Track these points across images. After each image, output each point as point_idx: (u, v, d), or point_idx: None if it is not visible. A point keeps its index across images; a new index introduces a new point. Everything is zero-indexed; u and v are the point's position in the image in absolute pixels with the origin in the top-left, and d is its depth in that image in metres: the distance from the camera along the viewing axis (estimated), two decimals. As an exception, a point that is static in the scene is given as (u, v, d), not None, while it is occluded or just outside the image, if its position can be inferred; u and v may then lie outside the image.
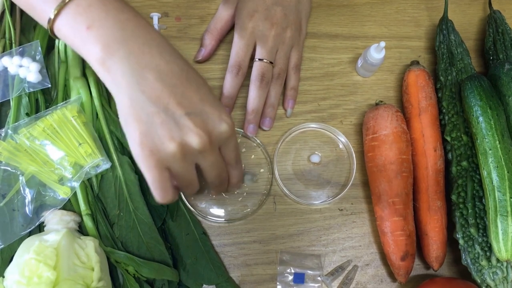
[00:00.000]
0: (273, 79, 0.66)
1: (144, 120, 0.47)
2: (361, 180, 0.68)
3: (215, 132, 0.50)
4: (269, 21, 0.65)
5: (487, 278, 0.59)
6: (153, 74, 0.47)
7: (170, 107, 0.47)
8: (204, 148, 0.49)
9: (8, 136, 0.58)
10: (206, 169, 0.53)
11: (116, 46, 0.47)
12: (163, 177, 0.49)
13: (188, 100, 0.48)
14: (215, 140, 0.50)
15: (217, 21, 0.69)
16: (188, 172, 0.51)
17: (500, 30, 0.72)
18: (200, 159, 0.51)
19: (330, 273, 0.64)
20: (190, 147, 0.48)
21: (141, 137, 0.47)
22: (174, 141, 0.47)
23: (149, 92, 0.47)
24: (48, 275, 0.48)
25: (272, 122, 0.68)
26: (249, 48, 0.65)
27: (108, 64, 0.47)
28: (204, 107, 0.49)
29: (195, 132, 0.48)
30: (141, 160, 0.48)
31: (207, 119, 0.49)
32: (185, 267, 0.60)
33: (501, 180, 0.57)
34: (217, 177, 0.55)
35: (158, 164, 0.48)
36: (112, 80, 0.48)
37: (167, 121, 0.47)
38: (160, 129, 0.47)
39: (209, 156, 0.51)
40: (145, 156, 0.47)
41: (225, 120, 0.50)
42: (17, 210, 0.56)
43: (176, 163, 0.49)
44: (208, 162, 0.52)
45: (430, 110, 0.66)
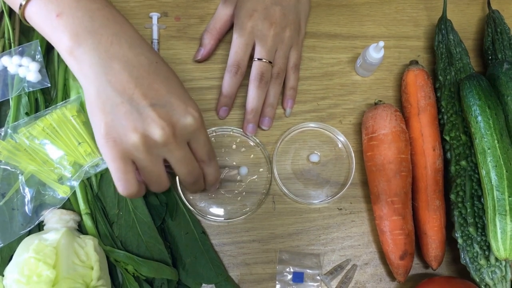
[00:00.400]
0: (272, 78, 0.66)
1: (109, 110, 0.47)
2: (360, 180, 0.68)
3: (180, 125, 0.49)
4: (268, 21, 0.65)
5: (486, 277, 0.59)
6: (120, 64, 0.47)
7: (135, 97, 0.47)
8: (167, 141, 0.48)
9: (7, 136, 0.58)
10: (175, 164, 0.51)
11: (84, 35, 0.47)
12: (127, 168, 0.48)
13: (154, 92, 0.48)
14: (180, 133, 0.49)
15: (217, 21, 0.70)
16: (154, 167, 0.50)
17: (499, 29, 0.72)
18: (166, 153, 0.50)
19: (329, 272, 0.64)
20: (152, 139, 0.48)
21: (106, 128, 0.47)
22: (137, 132, 0.47)
23: (115, 82, 0.47)
24: (48, 274, 0.48)
25: (271, 122, 0.69)
26: (248, 48, 0.66)
27: (76, 54, 0.47)
28: (170, 99, 0.49)
29: (158, 123, 0.47)
30: (105, 151, 0.48)
31: (172, 111, 0.49)
32: (184, 266, 0.60)
33: (499, 179, 0.57)
34: (189, 174, 0.53)
35: (122, 155, 0.47)
36: (80, 70, 0.48)
37: (131, 111, 0.47)
38: (124, 119, 0.47)
39: (175, 150, 0.50)
40: (109, 146, 0.47)
41: (191, 113, 0.50)
42: (16, 209, 0.56)
43: (140, 155, 0.48)
44: (176, 157, 0.50)
45: (429, 109, 0.66)
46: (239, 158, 0.68)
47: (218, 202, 0.66)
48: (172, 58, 0.71)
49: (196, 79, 0.70)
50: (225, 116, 0.68)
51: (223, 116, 0.68)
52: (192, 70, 0.70)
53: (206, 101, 0.69)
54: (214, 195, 0.66)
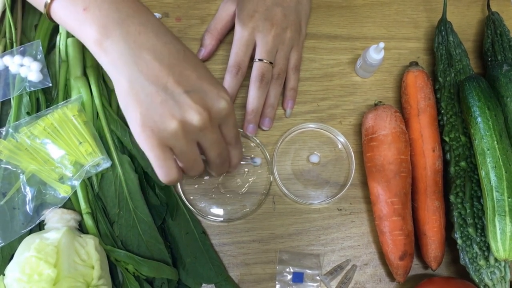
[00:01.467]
0: (272, 79, 0.67)
1: (144, 100, 0.47)
2: (360, 180, 0.69)
3: (215, 109, 0.50)
4: (269, 22, 0.65)
5: (485, 277, 0.59)
6: (150, 54, 0.47)
7: (169, 86, 0.47)
8: (204, 125, 0.49)
9: (9, 135, 0.58)
10: (208, 147, 0.52)
11: (112, 27, 0.47)
12: (166, 156, 0.49)
13: (186, 79, 0.49)
14: (215, 117, 0.50)
15: (217, 22, 0.70)
16: (191, 151, 0.51)
17: (499, 31, 0.72)
18: (201, 137, 0.50)
19: (329, 273, 0.64)
20: (191, 124, 0.48)
21: (142, 118, 0.47)
22: (175, 119, 0.47)
23: (147, 72, 0.47)
24: (49, 272, 0.48)
25: (272, 122, 0.69)
26: (249, 48, 0.66)
27: (105, 45, 0.47)
28: (202, 85, 0.49)
29: (195, 109, 0.48)
30: (143, 141, 0.48)
31: (206, 96, 0.49)
32: (184, 266, 0.61)
33: (499, 180, 0.57)
34: (219, 156, 0.54)
35: (160, 143, 0.48)
36: (110, 62, 0.48)
37: (167, 100, 0.47)
38: (160, 108, 0.47)
39: (210, 134, 0.50)
40: (146, 136, 0.47)
41: (224, 97, 0.51)
42: (17, 209, 0.57)
43: (178, 142, 0.49)
44: (210, 140, 0.51)
45: (429, 110, 0.66)
46: (240, 158, 0.68)
47: (218, 203, 0.66)
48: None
49: (196, 79, 0.70)
50: None
51: None
52: (192, 71, 0.71)
53: (206, 102, 0.69)
54: (214, 196, 0.66)
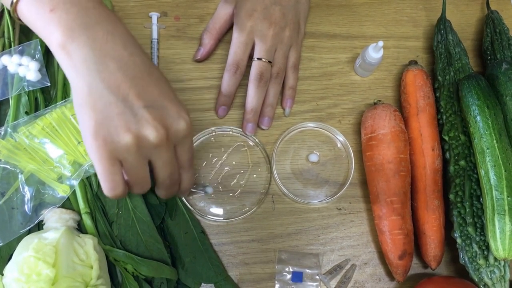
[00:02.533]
0: (271, 78, 0.67)
1: (101, 109, 0.46)
2: (359, 179, 0.69)
3: (173, 128, 0.49)
4: (268, 21, 0.65)
5: (485, 277, 0.59)
6: (115, 63, 0.46)
7: (129, 98, 0.46)
8: (160, 143, 0.48)
9: (7, 135, 0.58)
10: (160, 166, 0.51)
11: (79, 31, 0.46)
12: (115, 169, 0.47)
13: (148, 94, 0.48)
14: (172, 137, 0.49)
15: (216, 21, 0.70)
16: (141, 168, 0.49)
17: (498, 30, 0.72)
18: (155, 155, 0.49)
19: (328, 272, 0.64)
20: (146, 140, 0.47)
21: (96, 127, 0.46)
22: (131, 132, 0.46)
23: (109, 81, 0.46)
24: (47, 272, 0.48)
25: (271, 121, 0.69)
26: (248, 47, 0.66)
27: (69, 49, 0.46)
28: (163, 102, 0.49)
29: (153, 125, 0.47)
30: (92, 150, 0.46)
31: (166, 114, 0.48)
32: (183, 266, 0.60)
33: (498, 179, 0.57)
34: (169, 177, 0.53)
35: (110, 155, 0.46)
36: (72, 66, 0.46)
37: (125, 112, 0.46)
38: (117, 119, 0.46)
39: (164, 152, 0.49)
40: (97, 146, 0.46)
41: (184, 118, 0.50)
42: (16, 208, 0.56)
43: (129, 156, 0.47)
44: (162, 160, 0.50)
45: (428, 109, 0.66)
46: (238, 157, 0.68)
47: (218, 202, 0.66)
48: (172, 57, 0.71)
49: (195, 78, 0.70)
50: (224, 115, 0.69)
51: (222, 115, 0.68)
52: (191, 70, 0.71)
53: (205, 101, 0.69)
54: (213, 195, 0.66)
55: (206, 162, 0.67)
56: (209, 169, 0.67)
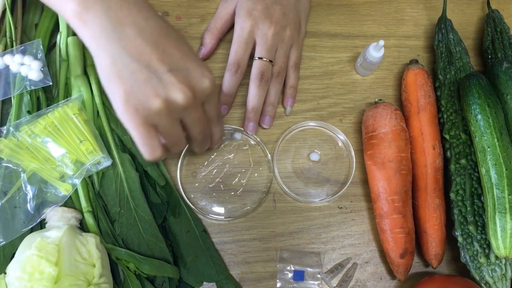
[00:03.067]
0: (272, 77, 0.67)
1: (127, 77, 0.47)
2: (360, 178, 0.69)
3: (198, 88, 0.50)
4: (269, 20, 0.65)
5: (486, 275, 0.59)
6: (133, 29, 0.47)
7: (152, 64, 0.47)
8: (188, 104, 0.49)
9: (9, 134, 0.58)
10: (191, 125, 0.53)
11: (93, 0, 0.46)
12: (151, 134, 0.49)
13: (169, 57, 0.48)
14: (199, 96, 0.50)
15: (217, 20, 0.70)
16: (175, 129, 0.51)
17: (499, 29, 0.72)
18: (185, 115, 0.51)
19: (330, 271, 0.64)
20: (175, 103, 0.48)
21: (125, 96, 0.47)
22: (159, 97, 0.47)
23: (130, 48, 0.46)
24: (50, 271, 0.48)
25: (272, 120, 0.69)
26: (248, 47, 0.66)
27: (85, 18, 0.46)
28: (186, 64, 0.49)
29: (179, 88, 0.48)
30: (126, 119, 0.48)
31: (190, 75, 0.49)
32: (185, 265, 0.61)
33: (499, 178, 0.57)
34: (201, 133, 0.55)
35: (144, 121, 0.48)
36: (91, 35, 0.47)
37: (151, 78, 0.47)
38: (144, 86, 0.47)
39: (193, 112, 0.51)
40: (130, 114, 0.47)
41: (207, 76, 0.51)
42: (18, 207, 0.57)
43: (162, 120, 0.49)
44: (193, 118, 0.52)
45: (429, 108, 0.66)
46: (240, 156, 0.68)
47: (219, 201, 0.66)
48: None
49: (197, 78, 0.70)
50: (225, 114, 0.69)
51: (224, 114, 0.69)
52: (193, 69, 0.71)
53: (207, 100, 0.69)
54: (215, 194, 0.66)
55: (208, 161, 0.67)
56: (211, 168, 0.67)
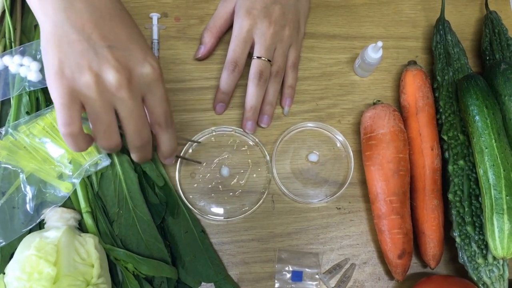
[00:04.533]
0: (271, 77, 0.67)
1: (64, 47, 0.46)
2: (358, 179, 0.69)
3: (137, 72, 0.48)
4: (268, 19, 0.65)
5: (484, 276, 0.60)
6: (82, 4, 0.46)
7: (93, 37, 0.46)
8: (120, 85, 0.47)
9: (8, 134, 0.58)
10: (124, 118, 0.49)
11: None
12: (73, 106, 0.46)
13: (113, 35, 0.47)
14: (136, 81, 0.48)
15: (216, 19, 0.70)
16: (104, 114, 0.48)
17: (497, 30, 0.72)
18: (118, 101, 0.48)
19: (328, 271, 0.65)
20: (107, 80, 0.46)
21: (59, 63, 0.46)
22: (91, 70, 0.46)
23: (74, 19, 0.46)
24: (49, 271, 0.48)
25: (270, 120, 0.69)
26: (247, 46, 0.66)
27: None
28: (129, 45, 0.48)
29: (113, 65, 0.46)
30: (54, 87, 0.46)
31: (130, 56, 0.48)
32: (183, 265, 0.61)
33: (497, 179, 0.58)
34: (137, 133, 0.51)
35: (71, 93, 0.46)
36: (41, 8, 0.47)
37: (88, 50, 0.46)
38: (79, 57, 0.46)
39: (128, 100, 0.48)
40: (59, 82, 0.46)
41: (150, 62, 0.49)
42: (17, 208, 0.57)
43: (91, 97, 0.46)
44: (126, 108, 0.48)
45: (427, 109, 0.67)
46: (238, 157, 0.68)
47: (218, 201, 0.66)
48: (172, 58, 0.71)
49: (195, 79, 0.70)
50: (221, 112, 0.69)
51: (220, 112, 0.69)
52: (191, 70, 0.71)
53: (205, 101, 0.70)
54: (214, 195, 0.66)
55: (206, 162, 0.67)
56: (209, 168, 0.67)
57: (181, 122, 0.68)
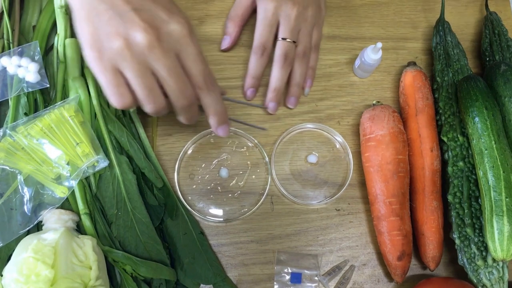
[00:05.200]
0: (297, 58, 0.67)
1: (93, 19, 0.46)
2: (358, 180, 0.69)
3: (164, 29, 0.47)
4: (291, 1, 0.65)
5: (483, 278, 0.59)
6: None
7: (117, 3, 0.46)
8: (150, 44, 0.46)
9: (6, 135, 0.58)
10: (163, 77, 0.49)
11: None
12: (117, 80, 0.47)
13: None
14: (166, 40, 0.47)
15: (238, 8, 0.70)
16: (143, 77, 0.48)
17: (497, 31, 0.72)
18: (153, 61, 0.47)
19: (327, 273, 0.64)
20: (136, 42, 0.46)
21: (91, 38, 0.46)
22: (120, 36, 0.46)
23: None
24: (46, 273, 0.48)
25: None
26: (273, 29, 0.66)
27: None
28: (153, 5, 0.48)
29: (140, 26, 0.46)
30: (93, 63, 0.47)
31: (155, 15, 0.47)
32: (182, 267, 0.61)
33: (496, 180, 0.57)
34: (180, 92, 0.50)
35: (109, 65, 0.47)
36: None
37: (114, 16, 0.46)
38: (107, 26, 0.46)
39: (161, 58, 0.47)
40: (95, 57, 0.47)
41: (177, 20, 0.48)
42: (15, 209, 0.57)
43: (126, 63, 0.47)
44: (163, 67, 0.48)
45: (427, 110, 0.66)
46: (238, 158, 0.68)
47: (217, 203, 0.66)
48: (171, 59, 0.71)
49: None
50: (252, 97, 0.69)
51: (251, 97, 0.69)
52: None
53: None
54: (213, 196, 0.66)
55: (205, 163, 0.67)
56: (208, 170, 0.67)
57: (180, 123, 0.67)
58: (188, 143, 0.67)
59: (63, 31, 0.63)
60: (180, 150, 0.67)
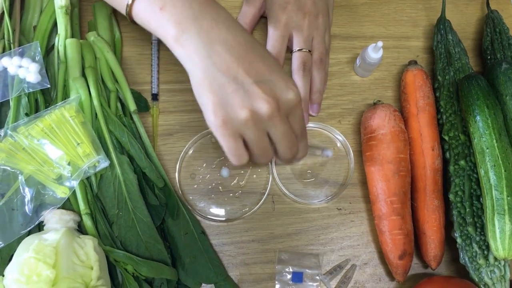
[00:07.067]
0: (315, 65, 0.68)
1: (217, 90, 0.50)
2: (359, 179, 0.69)
3: (283, 99, 0.51)
4: (302, 11, 0.66)
5: (485, 276, 0.59)
6: (222, 47, 0.50)
7: (239, 76, 0.50)
8: (272, 114, 0.51)
9: (7, 136, 0.58)
10: (278, 139, 0.54)
11: (187, 23, 0.50)
12: (238, 145, 0.52)
13: (255, 70, 0.51)
14: (283, 107, 0.52)
15: (245, 16, 0.71)
16: (261, 140, 0.53)
17: (498, 29, 0.72)
18: (271, 127, 0.52)
19: (329, 272, 0.64)
20: (260, 113, 0.50)
21: (215, 107, 0.50)
22: (246, 108, 0.49)
23: (219, 63, 0.49)
24: (47, 273, 0.48)
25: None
26: (285, 40, 0.67)
27: (182, 40, 0.50)
28: (271, 76, 0.51)
29: (264, 98, 0.50)
30: (216, 129, 0.51)
31: (275, 86, 0.51)
32: (183, 266, 0.61)
33: (498, 179, 0.57)
34: (289, 149, 0.56)
35: (232, 132, 0.51)
36: (186, 55, 0.51)
37: (238, 90, 0.49)
38: (232, 98, 0.49)
39: (278, 124, 0.52)
40: (219, 125, 0.50)
41: (292, 89, 0.52)
42: (16, 210, 0.57)
43: (249, 130, 0.51)
44: (279, 131, 0.53)
45: (428, 109, 0.66)
46: (239, 158, 0.68)
47: (218, 202, 0.66)
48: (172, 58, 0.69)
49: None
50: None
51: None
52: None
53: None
54: (214, 195, 0.66)
55: (206, 163, 0.67)
56: (209, 169, 0.67)
57: (181, 123, 0.68)
58: (189, 143, 0.67)
59: (64, 31, 0.64)
60: (181, 150, 0.67)
